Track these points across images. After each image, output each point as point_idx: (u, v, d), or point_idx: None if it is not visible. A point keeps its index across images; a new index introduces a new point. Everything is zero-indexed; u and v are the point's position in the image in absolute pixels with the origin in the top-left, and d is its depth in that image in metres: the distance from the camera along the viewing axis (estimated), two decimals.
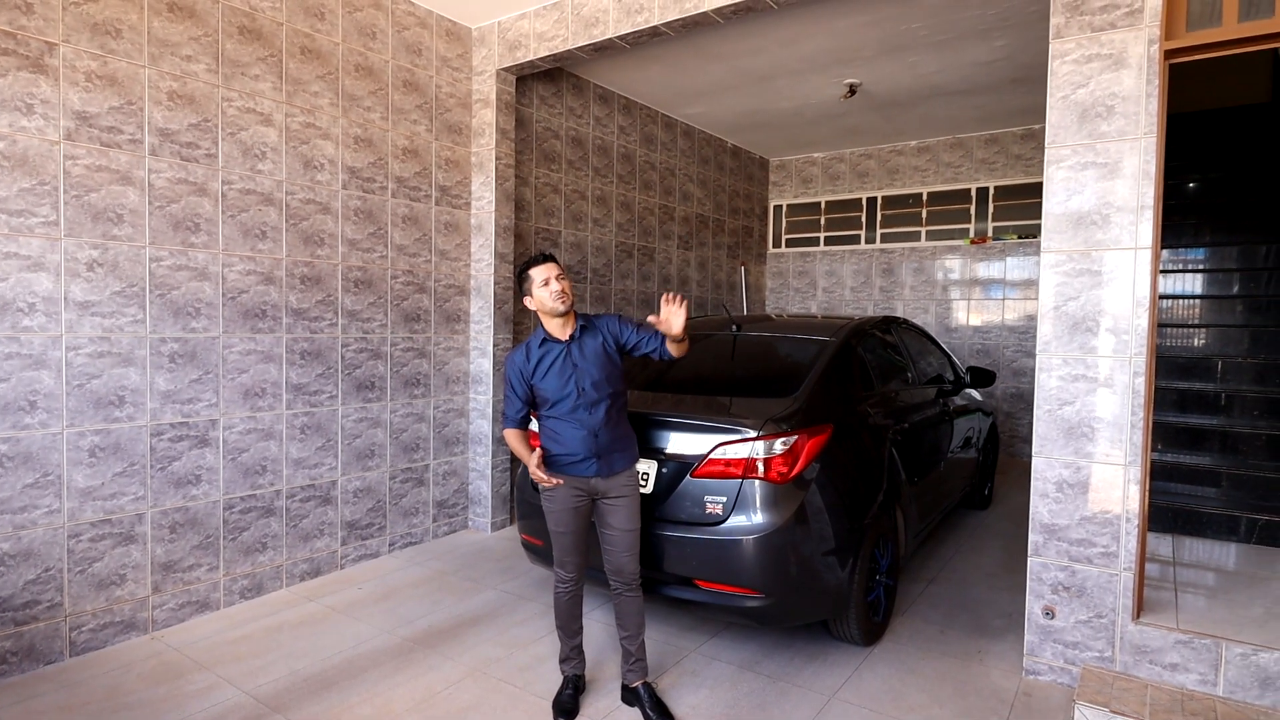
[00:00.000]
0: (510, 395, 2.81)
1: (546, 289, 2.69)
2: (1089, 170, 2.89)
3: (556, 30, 4.34)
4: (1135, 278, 2.82)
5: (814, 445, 2.97)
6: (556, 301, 2.68)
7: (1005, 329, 7.12)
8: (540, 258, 2.74)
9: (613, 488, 2.74)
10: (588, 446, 2.69)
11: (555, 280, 2.70)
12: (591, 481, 2.73)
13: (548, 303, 2.70)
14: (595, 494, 2.76)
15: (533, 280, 2.72)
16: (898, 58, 5.05)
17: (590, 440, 2.69)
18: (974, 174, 7.22)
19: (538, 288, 2.71)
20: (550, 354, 2.75)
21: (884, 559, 3.39)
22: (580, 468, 2.70)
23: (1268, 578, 3.62)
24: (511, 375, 2.80)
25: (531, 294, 2.73)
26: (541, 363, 2.75)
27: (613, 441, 2.74)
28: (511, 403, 2.81)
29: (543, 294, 2.70)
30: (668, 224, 6.67)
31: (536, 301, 2.73)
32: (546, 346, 2.76)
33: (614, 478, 2.74)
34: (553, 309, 2.70)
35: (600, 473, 2.71)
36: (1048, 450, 3.02)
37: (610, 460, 2.73)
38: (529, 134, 5.13)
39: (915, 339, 4.66)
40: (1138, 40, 2.78)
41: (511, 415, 2.81)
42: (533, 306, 2.76)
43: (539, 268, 2.71)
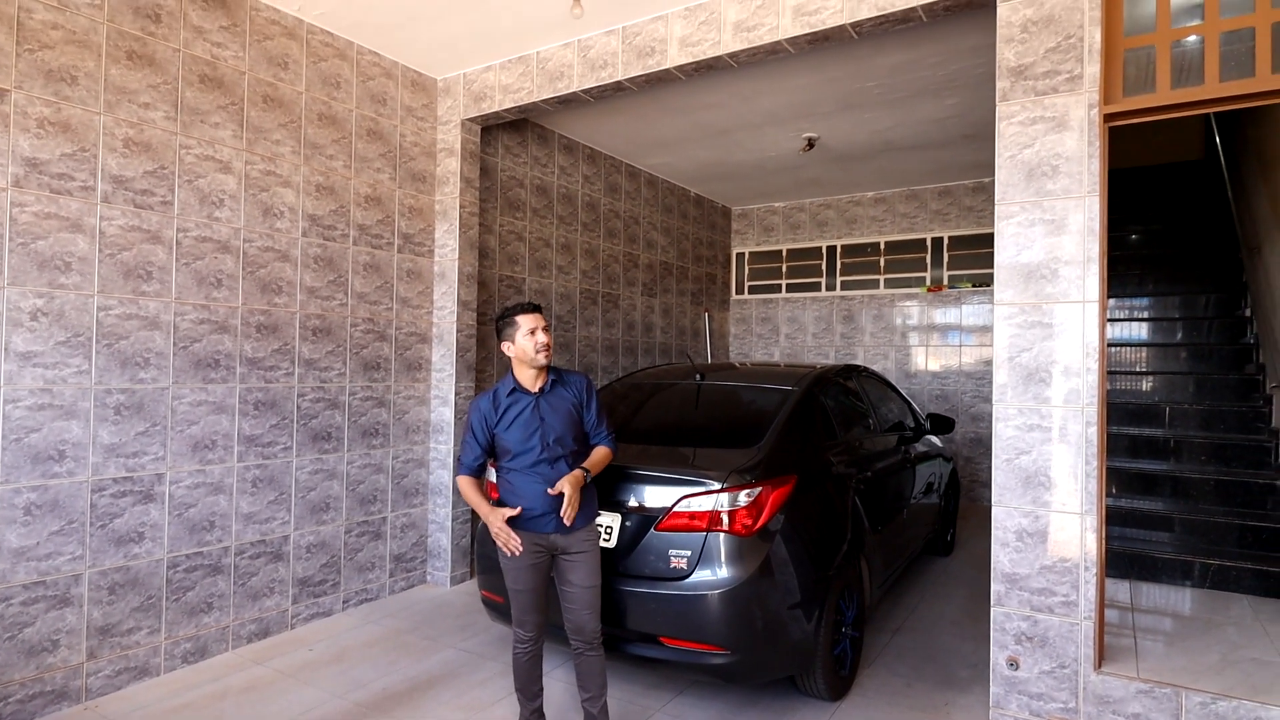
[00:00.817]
0: (470, 441, 2.74)
1: (532, 339, 2.67)
2: (1037, 226, 2.99)
3: (521, 83, 4.40)
4: (1084, 330, 2.91)
5: (778, 496, 2.96)
6: (539, 354, 2.67)
7: (963, 374, 7.27)
8: (529, 306, 2.73)
9: (572, 543, 2.69)
10: (547, 501, 2.64)
11: (543, 332, 2.68)
12: (551, 537, 2.67)
13: (529, 353, 2.67)
14: (555, 550, 2.70)
15: (519, 327, 2.69)
16: (853, 114, 5.23)
17: (550, 496, 2.64)
18: (929, 224, 7.45)
19: (522, 335, 2.68)
20: (518, 404, 2.71)
21: (850, 610, 3.37)
22: (539, 523, 2.65)
23: (1222, 623, 3.67)
24: (475, 421, 2.73)
25: (514, 341, 2.70)
26: (508, 412, 2.70)
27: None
28: (470, 449, 2.74)
29: (526, 343, 2.67)
30: (632, 271, 6.72)
31: (517, 349, 2.69)
32: (515, 397, 2.72)
33: (573, 534, 2.69)
34: (533, 360, 2.68)
35: (559, 529, 2.66)
36: (1007, 499, 3.05)
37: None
38: (494, 182, 5.15)
39: (876, 386, 4.72)
40: (1079, 104, 2.92)
41: (468, 462, 2.74)
42: (510, 354, 2.72)
43: (528, 315, 2.70)
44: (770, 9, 3.57)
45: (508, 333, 2.72)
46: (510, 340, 2.71)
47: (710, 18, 3.74)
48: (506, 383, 2.76)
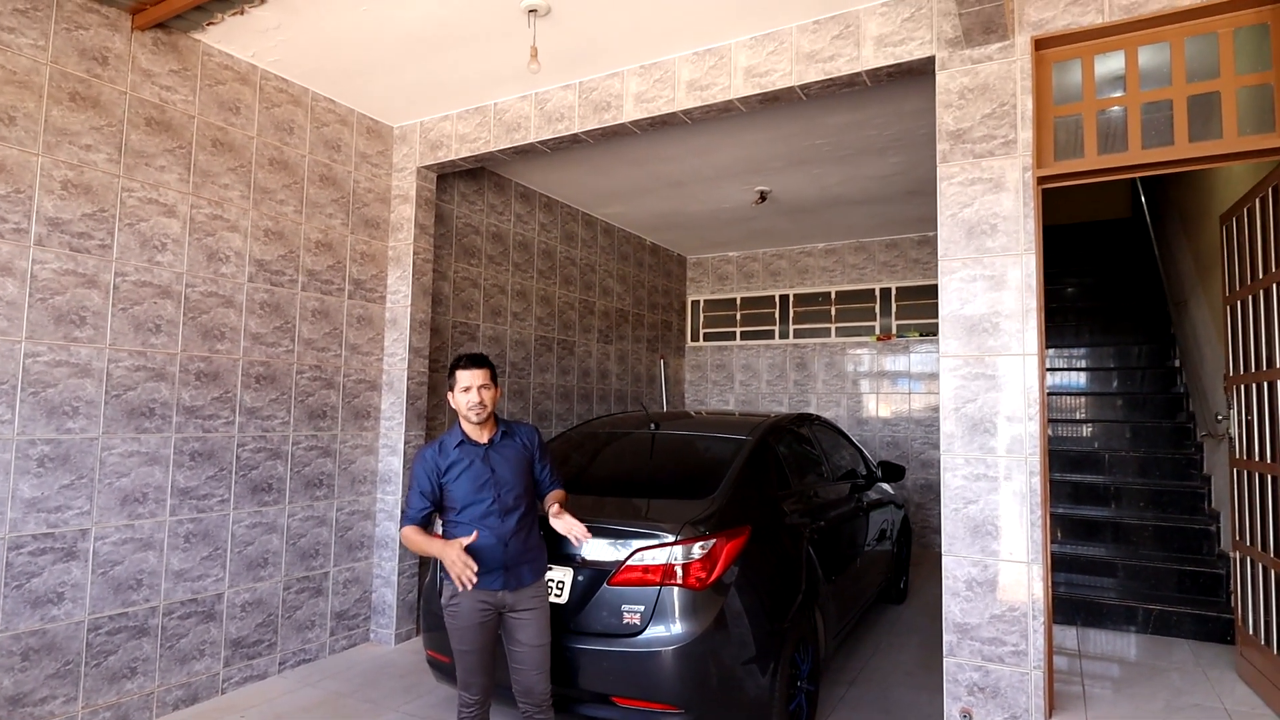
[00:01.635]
0: (416, 494, 2.67)
1: (465, 395, 2.65)
2: (978, 282, 3.10)
3: (479, 133, 4.44)
4: (1025, 382, 3.00)
5: (732, 548, 2.94)
6: (470, 412, 2.65)
7: (912, 421, 7.41)
8: (471, 361, 2.68)
9: (521, 600, 2.62)
10: (496, 557, 2.57)
11: (477, 391, 2.64)
12: (499, 595, 2.60)
13: (462, 410, 2.67)
14: (502, 607, 2.62)
15: (456, 382, 2.67)
16: (804, 170, 5.39)
17: (499, 550, 2.58)
18: (877, 275, 7.67)
19: (458, 392, 2.67)
20: (466, 457, 2.67)
21: (805, 663, 3.33)
22: (486, 580, 2.57)
23: (1165, 668, 3.75)
24: (421, 471, 2.67)
25: (452, 395, 2.70)
26: (456, 465, 2.66)
27: (522, 552, 2.64)
28: (415, 500, 2.67)
29: (460, 400, 2.67)
30: (588, 318, 6.74)
31: (455, 405, 2.69)
32: (463, 449, 2.68)
33: (522, 590, 2.62)
34: (465, 417, 2.67)
35: (508, 585, 2.60)
36: (956, 549, 3.08)
37: (519, 573, 2.62)
38: (449, 229, 5.14)
39: (828, 434, 4.77)
40: (1014, 167, 3.06)
41: (412, 514, 2.66)
42: (454, 406, 2.71)
43: (466, 373, 2.66)
44: (722, 69, 3.69)
45: (450, 383, 2.72)
46: (451, 392, 2.72)
47: (665, 76, 3.84)
48: (454, 433, 2.72)
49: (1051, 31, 3.03)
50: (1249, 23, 2.83)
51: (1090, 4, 2.98)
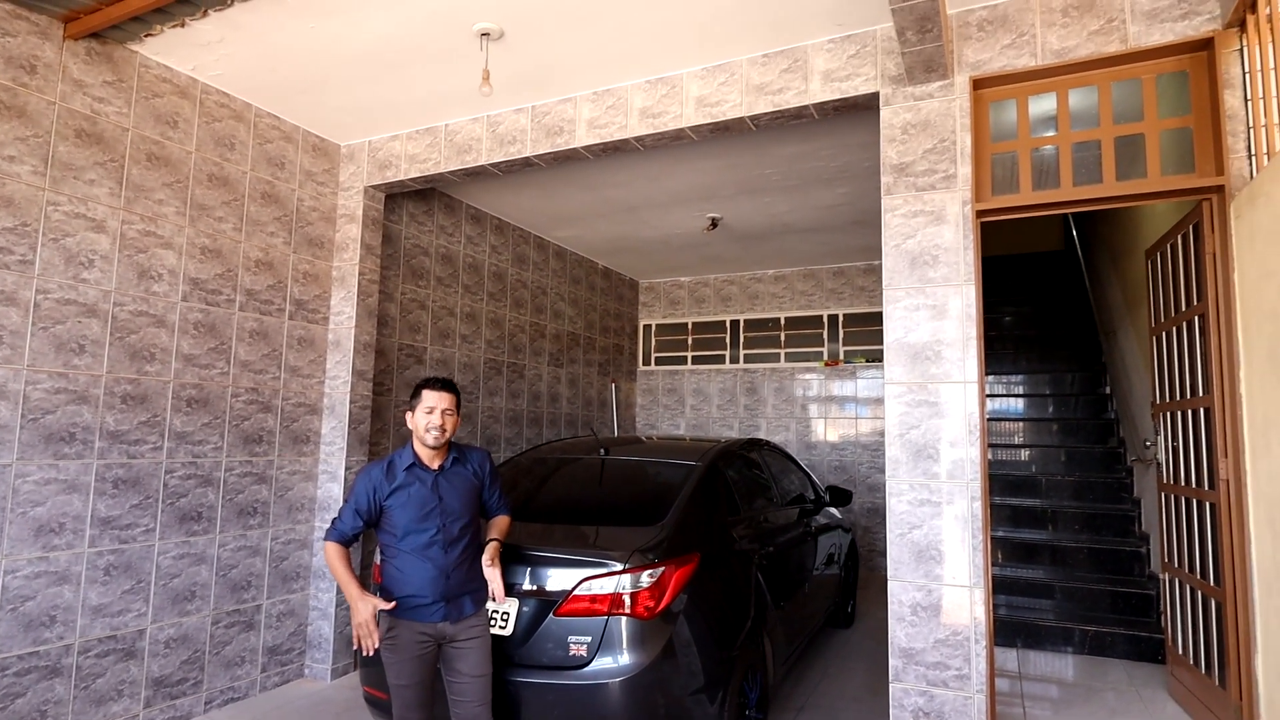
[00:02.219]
0: (351, 510, 2.55)
1: (428, 417, 2.58)
2: (921, 311, 3.17)
3: (429, 153, 4.39)
4: (967, 409, 3.07)
5: (681, 576, 2.91)
6: (427, 434, 2.58)
7: (859, 446, 7.53)
8: (441, 383, 2.64)
9: (462, 631, 2.54)
10: (437, 588, 2.49)
11: (440, 414, 2.59)
12: (439, 626, 2.51)
13: (419, 429, 2.59)
14: (442, 639, 2.54)
15: (421, 401, 2.61)
16: (754, 198, 5.48)
17: (440, 582, 2.50)
18: (825, 302, 7.82)
19: (420, 412, 2.60)
20: (415, 481, 2.59)
21: (753, 691, 3.31)
22: (426, 612, 2.49)
23: (1101, 689, 3.84)
24: (363, 488, 2.56)
25: (413, 413, 2.62)
26: (402, 488, 2.56)
27: (464, 583, 2.57)
28: (349, 515, 2.55)
29: (420, 420, 2.59)
30: (538, 341, 6.68)
31: (413, 424, 2.62)
32: (413, 472, 2.60)
33: (463, 620, 2.55)
34: (421, 438, 2.60)
35: (449, 617, 2.52)
36: (902, 573, 3.11)
37: (460, 604, 2.55)
38: (396, 250, 5.05)
39: (778, 460, 4.80)
40: (954, 201, 3.16)
41: (342, 529, 2.54)
42: (410, 425, 2.64)
43: (433, 393, 2.61)
44: (674, 99, 3.73)
45: (412, 403, 2.64)
46: (411, 412, 2.64)
47: (617, 103, 3.87)
48: (405, 455, 2.63)
49: (988, 72, 3.16)
50: (1170, 70, 3.00)
51: (1024, 47, 3.12)
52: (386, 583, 2.55)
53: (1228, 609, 2.90)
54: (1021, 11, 3.14)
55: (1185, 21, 2.88)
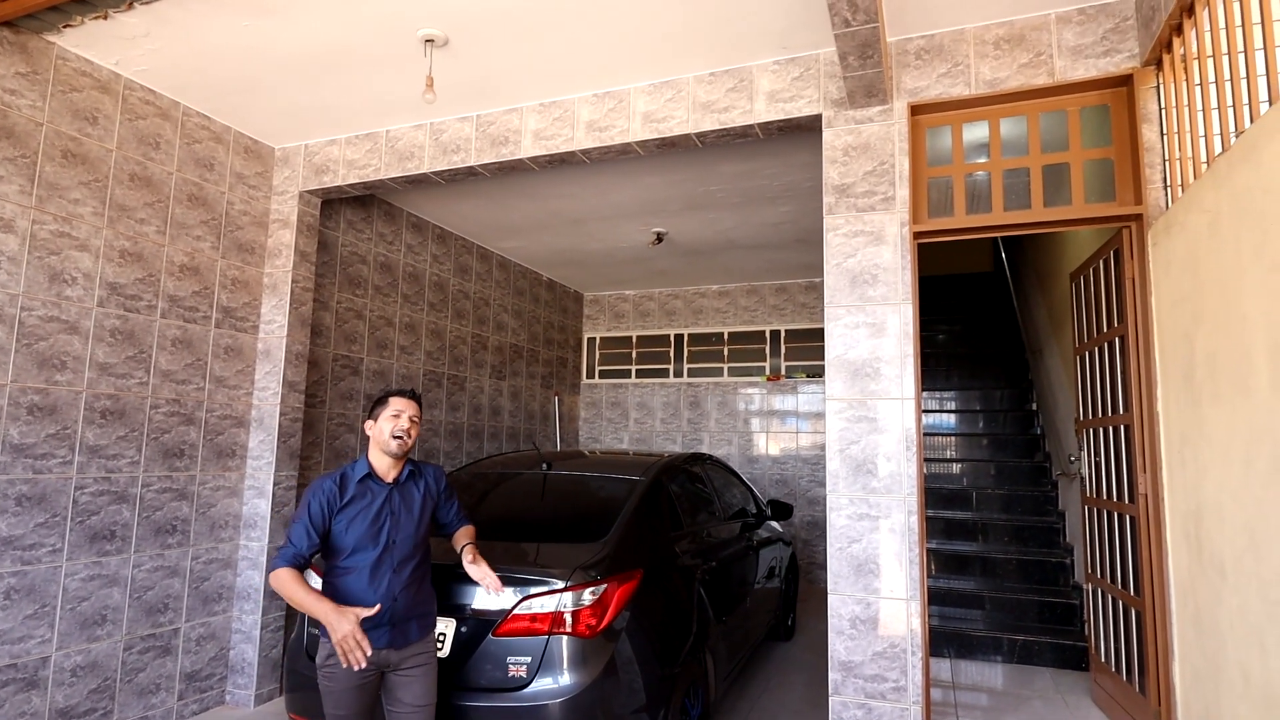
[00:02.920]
0: (303, 527, 2.35)
1: (394, 422, 2.49)
2: (861, 329, 3.23)
3: (368, 159, 4.27)
4: (904, 424, 3.14)
5: (624, 593, 2.87)
6: (392, 440, 2.48)
7: (800, 459, 7.64)
8: (407, 392, 2.58)
9: (407, 658, 2.43)
10: (383, 612, 2.37)
11: (407, 420, 2.51)
12: (382, 653, 2.39)
13: (384, 436, 2.48)
14: (385, 666, 2.42)
15: (387, 407, 2.51)
16: (699, 214, 5.53)
17: (387, 605, 2.38)
18: (767, 318, 7.93)
19: (385, 417, 2.50)
20: (369, 494, 2.47)
21: (695, 708, 3.29)
22: (371, 637, 2.34)
23: (1029, 696, 3.96)
24: (315, 503, 2.38)
25: (376, 420, 2.52)
26: (355, 502, 2.44)
27: (411, 607, 2.46)
28: (300, 535, 2.34)
29: (385, 425, 2.49)
30: (480, 353, 6.57)
31: (376, 430, 2.51)
32: (368, 485, 2.48)
33: (409, 647, 2.43)
34: (384, 444, 2.48)
35: (393, 643, 2.40)
36: (841, 587, 3.15)
37: (405, 629, 2.43)
38: (333, 257, 4.89)
39: (721, 474, 4.82)
40: (893, 222, 3.24)
41: (292, 553, 2.32)
42: (370, 433, 2.53)
43: (402, 400, 2.54)
44: (621, 113, 3.73)
45: (377, 410, 2.54)
46: (374, 419, 2.53)
47: (564, 115, 3.85)
48: (359, 466, 2.50)
49: (926, 99, 3.27)
50: (1093, 103, 3.15)
51: (959, 77, 3.24)
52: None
53: (1147, 618, 3.03)
54: (956, 42, 3.26)
55: (1107, 58, 3.04)
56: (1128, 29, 3.02)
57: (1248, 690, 2.19)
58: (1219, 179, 2.32)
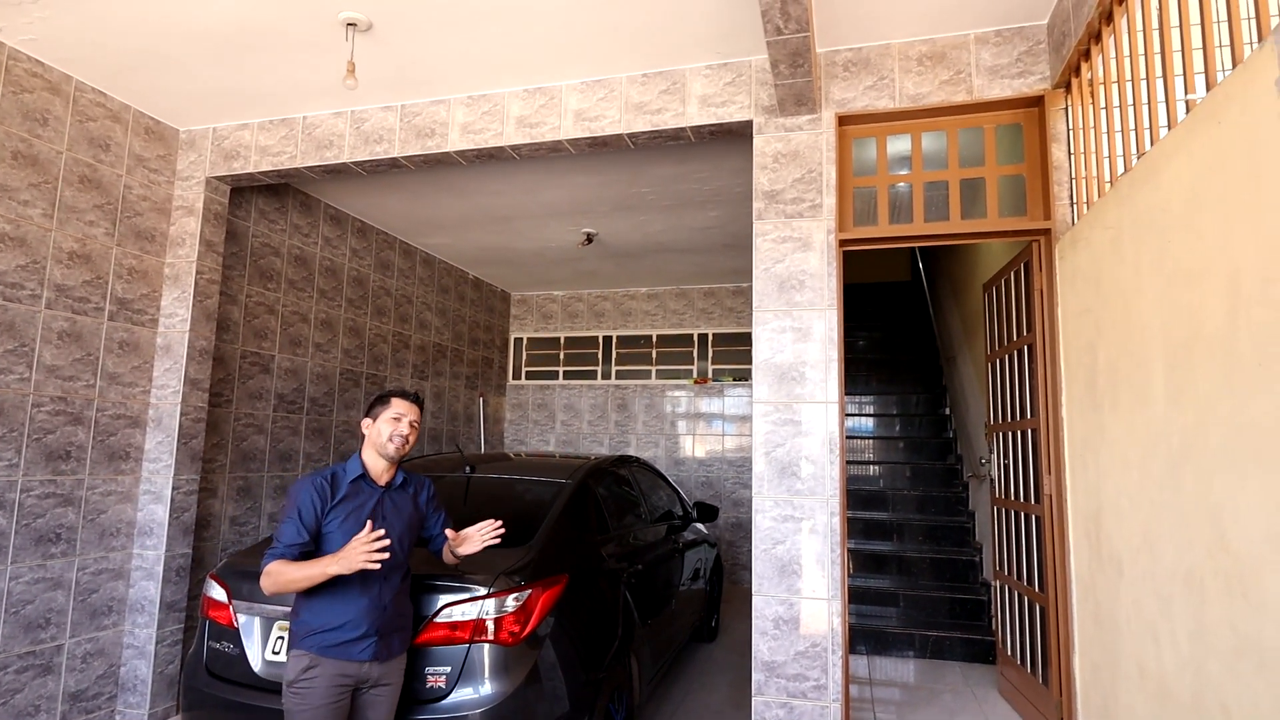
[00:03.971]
0: (294, 524, 2.20)
1: (395, 424, 2.38)
2: (788, 333, 3.28)
3: (284, 146, 4.06)
4: (828, 427, 3.20)
5: (549, 598, 2.81)
6: (390, 442, 2.36)
7: (725, 462, 7.73)
8: (412, 394, 2.47)
9: (387, 673, 2.30)
10: (373, 621, 2.24)
11: (408, 424, 2.40)
12: (365, 667, 2.24)
13: (382, 436, 2.37)
14: (364, 682, 2.26)
15: (388, 408, 2.40)
16: (629, 216, 5.51)
17: (377, 614, 2.25)
18: (696, 321, 7.99)
19: (385, 418, 2.39)
20: (360, 496, 2.34)
21: (619, 712, 3.25)
22: (355, 649, 2.20)
23: (940, 690, 4.10)
24: (306, 498, 2.23)
25: (375, 420, 2.40)
26: (346, 503, 2.30)
27: (398, 616, 2.35)
28: (290, 531, 2.19)
29: (385, 428, 2.37)
30: (402, 352, 6.35)
31: (374, 431, 2.39)
32: (360, 486, 2.36)
33: (390, 661, 2.30)
34: (382, 446, 2.37)
35: (378, 655, 2.25)
36: (765, 588, 3.18)
37: (390, 641, 2.31)
38: (243, 248, 4.62)
39: (647, 476, 4.81)
40: (819, 229, 3.30)
41: (282, 548, 2.17)
42: (366, 432, 2.40)
43: (404, 402, 2.43)
44: (553, 110, 3.67)
45: (376, 410, 2.42)
46: (374, 419, 2.41)
47: (494, 109, 3.75)
48: (352, 466, 2.38)
49: (852, 110, 3.34)
50: (1007, 121, 3.30)
51: (884, 90, 3.33)
52: (305, 615, 2.23)
53: (1050, 613, 3.18)
54: (882, 56, 3.35)
55: (1021, 79, 3.18)
56: (1040, 52, 3.17)
57: (1143, 682, 2.32)
58: (1121, 197, 2.45)
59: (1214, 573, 1.86)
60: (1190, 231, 1.98)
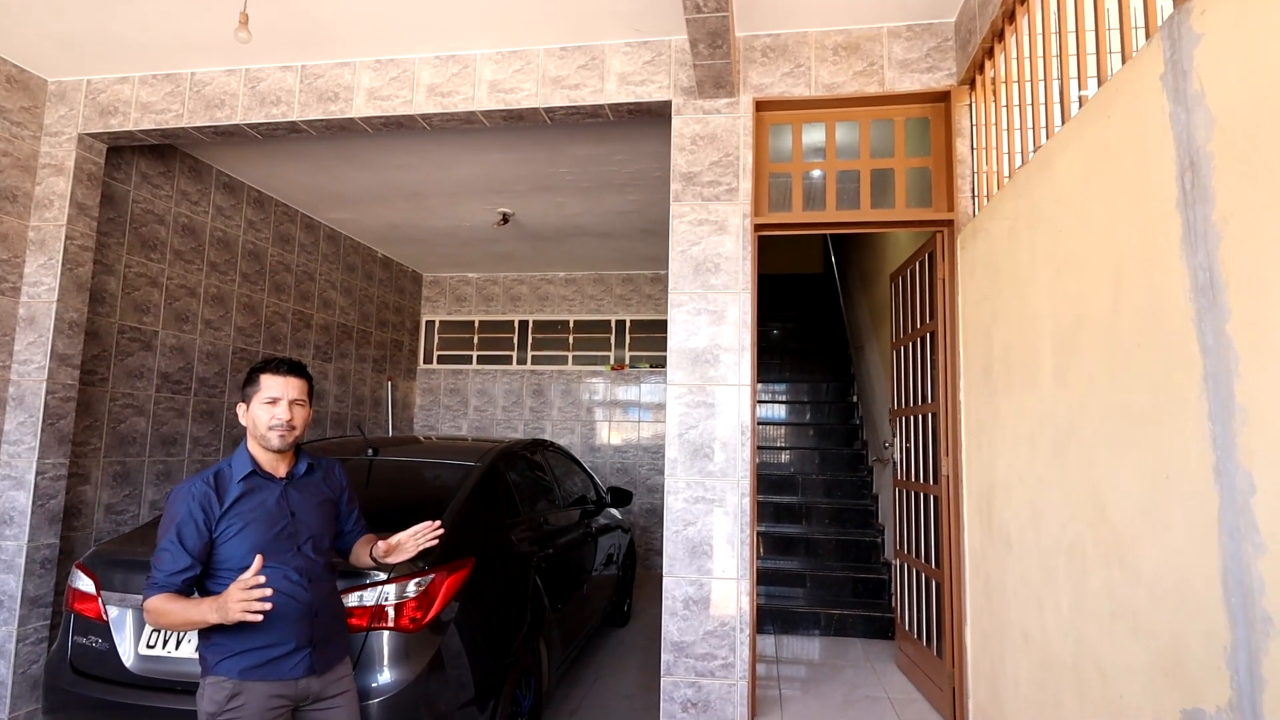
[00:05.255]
0: (174, 546, 1.84)
1: (270, 409, 1.97)
2: (703, 316, 3.28)
3: (168, 104, 3.75)
4: (740, 410, 3.22)
5: (453, 583, 2.72)
6: (271, 433, 1.97)
7: (641, 448, 7.74)
8: (286, 365, 2.02)
9: (329, 686, 2.01)
10: (302, 632, 1.93)
11: (288, 406, 1.98)
12: (301, 684, 1.94)
13: (260, 427, 1.97)
14: (304, 699, 1.96)
15: (259, 389, 1.99)
16: (547, 196, 5.40)
17: (306, 624, 1.94)
18: (613, 308, 7.96)
19: (257, 403, 1.98)
20: (258, 495, 1.97)
21: (526, 698, 3.19)
22: (285, 666, 1.90)
23: (843, 666, 4.24)
24: (185, 514, 1.86)
25: (248, 406, 2.01)
26: (241, 504, 1.93)
27: (332, 620, 2.06)
28: (171, 559, 1.83)
29: (261, 415, 1.97)
30: (303, 331, 6.03)
31: (250, 420, 2.01)
32: (253, 483, 1.98)
33: (331, 671, 2.02)
34: (263, 438, 1.98)
35: (315, 669, 1.95)
36: (676, 569, 3.19)
37: (326, 652, 2.01)
38: (121, 214, 4.25)
39: (561, 461, 4.75)
40: (735, 213, 3.32)
41: (163, 579, 1.82)
42: (242, 420, 2.03)
43: (276, 379, 1.99)
44: (466, 79, 3.53)
45: (246, 393, 2.02)
46: (247, 404, 2.02)
47: (403, 75, 3.58)
48: (239, 462, 1.99)
49: (770, 96, 3.37)
50: (916, 115, 3.39)
51: (801, 77, 3.36)
52: (219, 635, 1.87)
53: (945, 588, 3.33)
54: (799, 44, 3.38)
55: (930, 74, 3.28)
56: (948, 49, 3.28)
57: (1028, 648, 2.44)
58: (1018, 189, 2.56)
59: (1094, 543, 1.97)
60: (1080, 221, 2.08)
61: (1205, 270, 1.50)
